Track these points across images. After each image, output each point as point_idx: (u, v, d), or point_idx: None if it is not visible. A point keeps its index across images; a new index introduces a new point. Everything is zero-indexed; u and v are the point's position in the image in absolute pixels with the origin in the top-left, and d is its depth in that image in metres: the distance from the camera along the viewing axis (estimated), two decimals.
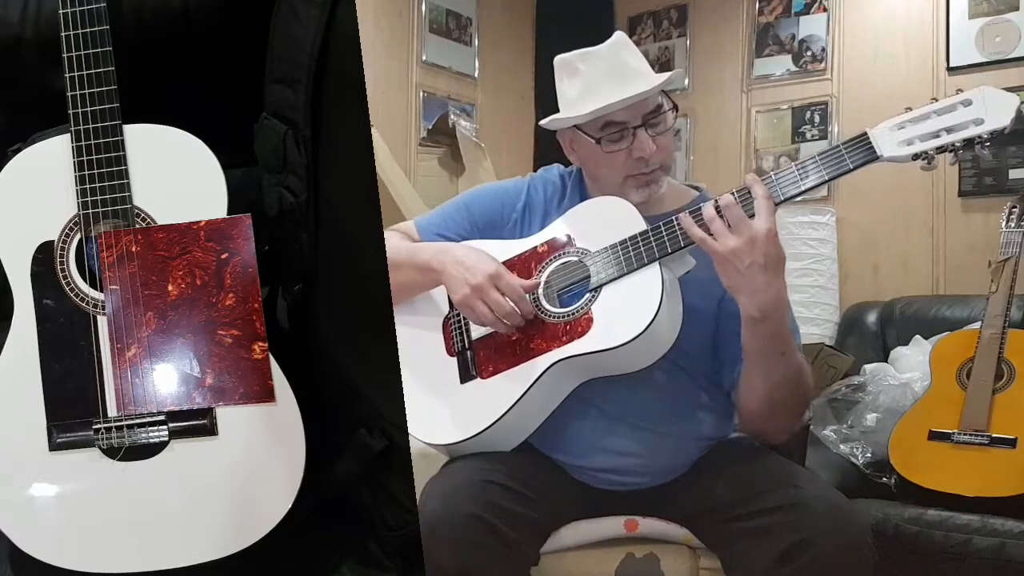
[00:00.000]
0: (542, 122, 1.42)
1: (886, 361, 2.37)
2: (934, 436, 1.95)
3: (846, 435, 2.15)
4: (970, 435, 1.91)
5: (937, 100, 1.15)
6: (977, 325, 2.09)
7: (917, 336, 2.38)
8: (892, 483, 1.99)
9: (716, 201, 1.17)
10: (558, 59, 1.39)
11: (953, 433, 1.93)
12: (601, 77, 1.32)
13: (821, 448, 2.16)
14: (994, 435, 1.89)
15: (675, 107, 1.35)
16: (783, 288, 1.16)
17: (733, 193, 1.17)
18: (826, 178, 1.17)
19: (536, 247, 1.36)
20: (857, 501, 1.76)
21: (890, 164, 1.16)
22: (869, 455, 2.08)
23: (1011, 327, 2.02)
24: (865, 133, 1.16)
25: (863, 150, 1.15)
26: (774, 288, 1.14)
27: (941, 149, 1.14)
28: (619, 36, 1.37)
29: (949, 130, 1.13)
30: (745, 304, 1.16)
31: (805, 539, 1.11)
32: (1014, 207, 2.19)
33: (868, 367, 2.31)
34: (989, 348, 1.99)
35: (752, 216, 1.15)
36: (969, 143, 1.13)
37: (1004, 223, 2.17)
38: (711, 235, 1.16)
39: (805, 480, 1.23)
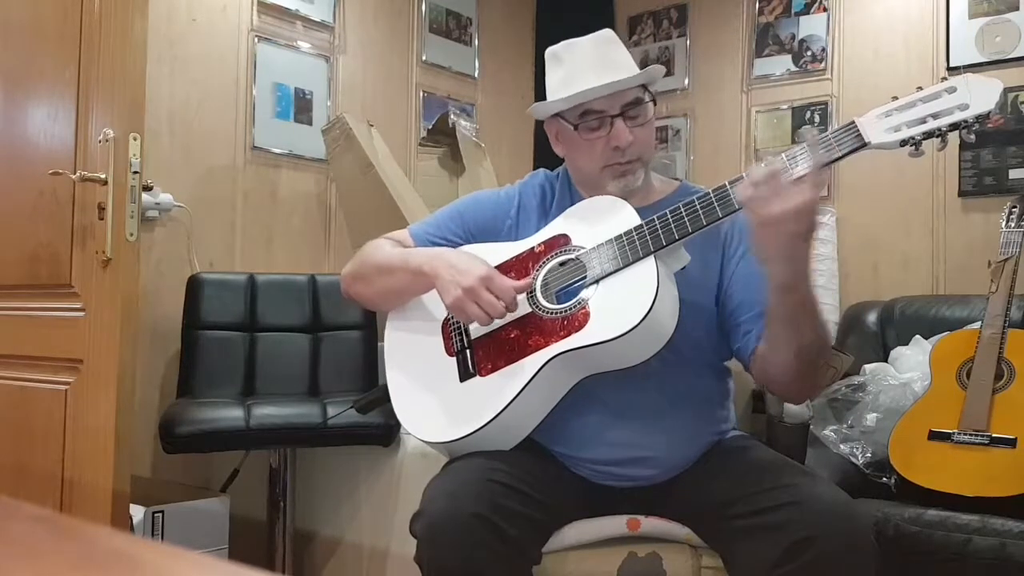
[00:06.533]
0: (528, 110, 1.45)
1: (886, 361, 2.36)
2: (934, 436, 1.95)
3: (846, 435, 2.14)
4: (970, 435, 1.92)
5: (923, 88, 1.16)
6: (977, 325, 2.09)
7: (917, 336, 2.37)
8: (892, 483, 1.99)
9: (761, 166, 1.13)
10: (548, 51, 1.42)
11: (953, 433, 1.93)
12: (583, 67, 1.35)
13: (821, 448, 2.15)
14: (994, 435, 1.89)
15: (654, 100, 1.37)
16: (812, 257, 1.16)
17: (782, 157, 1.15)
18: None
19: (533, 248, 1.37)
20: (857, 501, 1.75)
21: (889, 162, 1.16)
22: (869, 455, 2.08)
23: (1011, 327, 2.03)
24: (853, 121, 1.16)
25: (851, 137, 1.15)
26: (806, 258, 1.14)
27: (928, 135, 1.14)
28: (606, 32, 1.40)
29: (935, 116, 1.14)
30: (778, 273, 1.14)
31: (807, 536, 1.11)
32: (1014, 207, 2.19)
33: (868, 367, 2.31)
34: (989, 348, 1.99)
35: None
36: (955, 127, 1.14)
37: (1004, 223, 2.18)
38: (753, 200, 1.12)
39: (806, 478, 1.23)
